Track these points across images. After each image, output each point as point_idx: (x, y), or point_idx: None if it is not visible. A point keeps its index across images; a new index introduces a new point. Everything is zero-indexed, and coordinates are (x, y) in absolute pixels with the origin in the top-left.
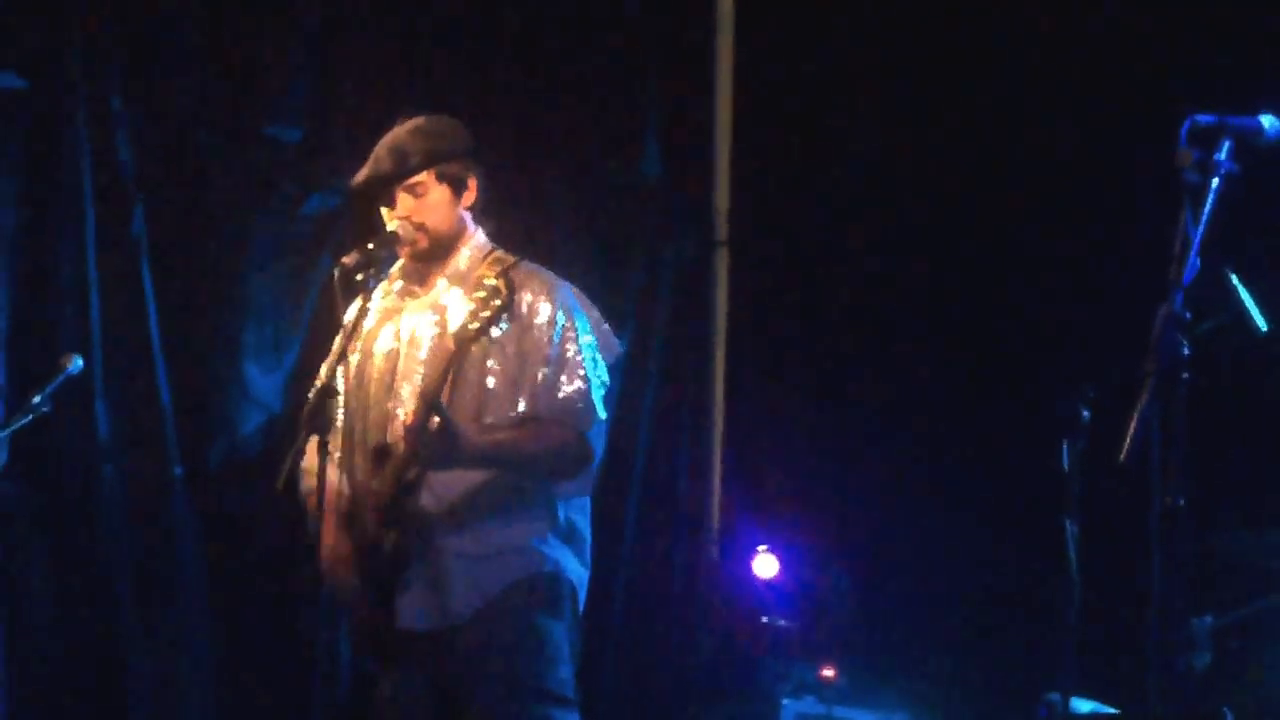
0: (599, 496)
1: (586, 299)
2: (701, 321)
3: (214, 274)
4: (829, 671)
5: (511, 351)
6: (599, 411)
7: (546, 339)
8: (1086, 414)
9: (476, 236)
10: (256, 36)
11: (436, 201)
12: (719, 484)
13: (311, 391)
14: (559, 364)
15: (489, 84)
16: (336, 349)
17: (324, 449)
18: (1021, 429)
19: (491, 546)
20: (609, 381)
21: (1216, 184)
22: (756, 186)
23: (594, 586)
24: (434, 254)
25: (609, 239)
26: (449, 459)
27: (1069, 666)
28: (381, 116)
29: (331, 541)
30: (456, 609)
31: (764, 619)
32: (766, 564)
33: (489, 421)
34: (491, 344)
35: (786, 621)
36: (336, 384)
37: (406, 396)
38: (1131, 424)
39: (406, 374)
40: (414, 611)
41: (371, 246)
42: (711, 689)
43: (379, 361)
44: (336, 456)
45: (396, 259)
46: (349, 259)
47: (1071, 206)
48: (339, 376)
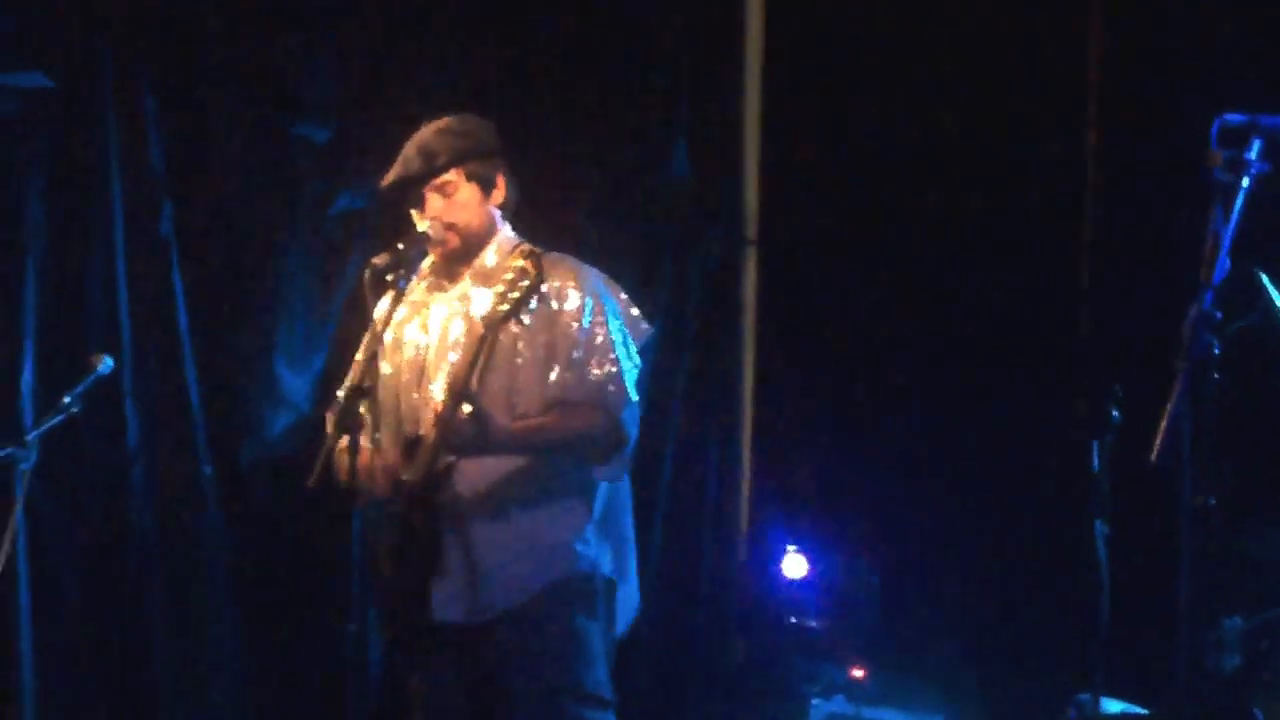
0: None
1: (615, 284)
2: (731, 321)
3: (243, 274)
4: (858, 672)
5: (541, 339)
6: (631, 394)
7: (576, 325)
8: (1116, 413)
9: (504, 233)
10: (286, 37)
11: (466, 201)
12: (748, 484)
13: (342, 391)
14: (589, 349)
15: (517, 85)
16: (366, 349)
17: (355, 448)
18: (1051, 429)
19: (527, 542)
20: (639, 364)
21: (1247, 183)
22: (785, 185)
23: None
24: (464, 253)
25: (638, 239)
26: (480, 446)
27: (1098, 667)
28: (410, 116)
29: (368, 455)
30: (491, 601)
31: (793, 619)
32: (795, 564)
33: (519, 409)
34: (521, 331)
35: (815, 622)
36: (366, 384)
37: (436, 388)
38: (1162, 423)
39: (436, 365)
40: (448, 603)
41: (402, 247)
42: (741, 689)
43: (408, 355)
44: (368, 454)
45: (426, 258)
46: (379, 259)
47: (1103, 204)
48: (369, 376)
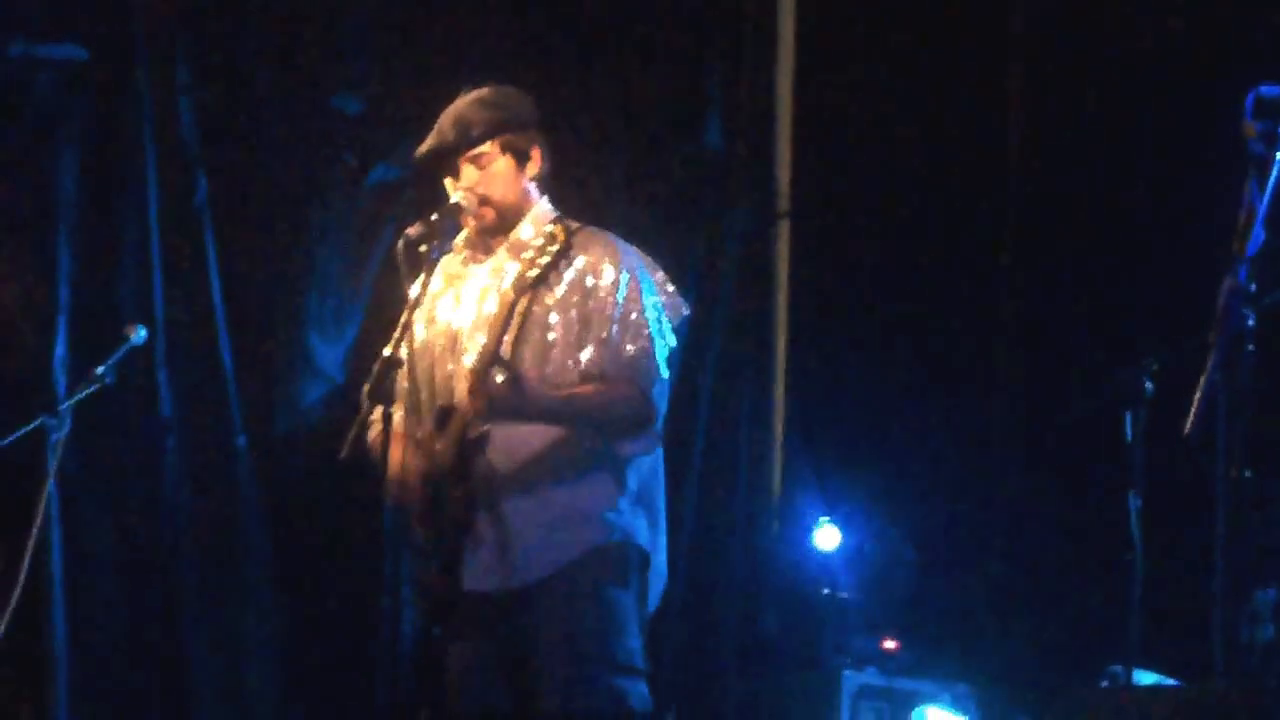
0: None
1: (651, 260)
2: (763, 292)
3: (277, 245)
4: (891, 643)
5: (574, 314)
6: (662, 370)
7: (610, 301)
8: (1150, 386)
9: (540, 205)
10: (320, 7)
11: (500, 172)
12: (780, 455)
13: (376, 362)
14: (623, 325)
15: (552, 57)
16: (401, 320)
17: (388, 419)
18: (1085, 400)
19: (560, 511)
20: (674, 343)
21: None
22: (818, 158)
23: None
24: (499, 225)
25: (671, 212)
26: (514, 408)
27: (1132, 638)
28: (444, 88)
29: (398, 458)
30: (524, 570)
31: (825, 590)
32: (828, 535)
33: (550, 382)
34: (554, 304)
35: (848, 593)
36: (401, 354)
37: (469, 359)
38: (1196, 396)
39: (469, 336)
40: (480, 572)
41: (435, 218)
42: (773, 660)
43: (441, 327)
44: (400, 424)
45: (460, 230)
46: (413, 230)
47: (1136, 177)
48: (403, 347)
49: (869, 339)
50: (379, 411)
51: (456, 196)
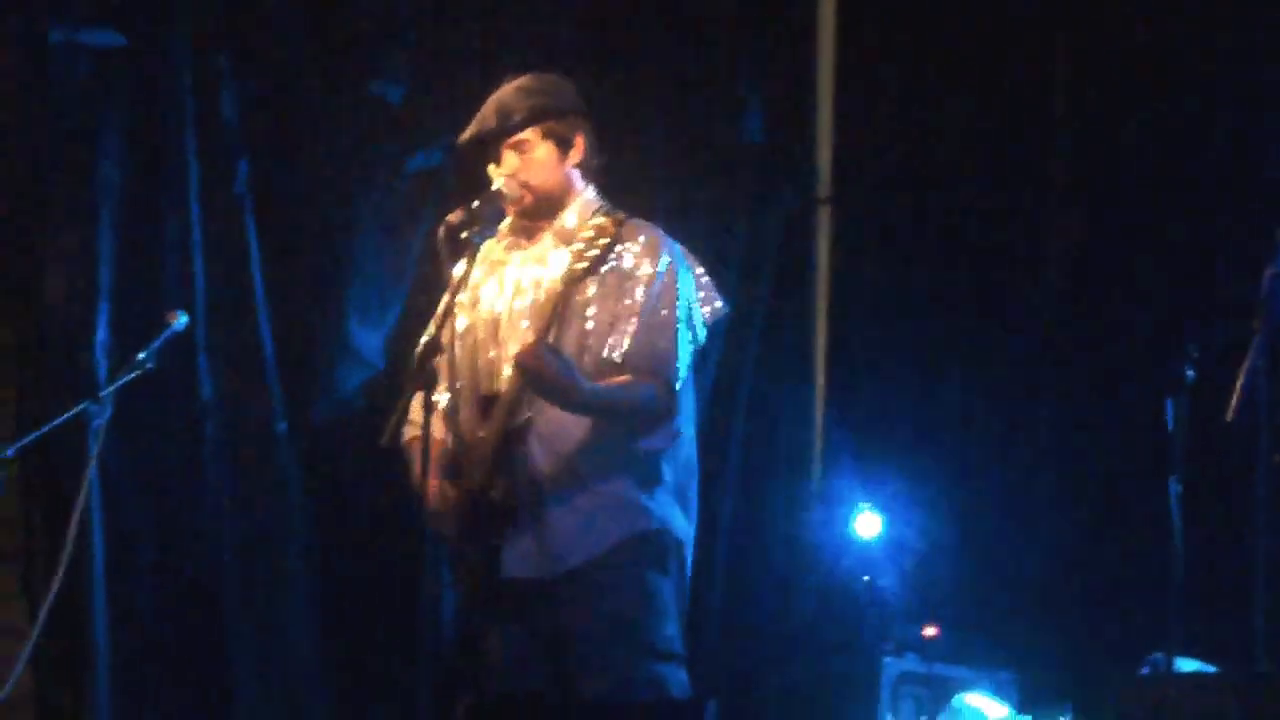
0: (702, 456)
1: (692, 256)
2: (804, 279)
3: (318, 231)
4: (931, 630)
5: (610, 305)
6: (683, 370)
7: (644, 295)
8: (1192, 373)
9: (585, 194)
10: None
11: (542, 159)
12: (821, 442)
13: (417, 348)
14: (651, 321)
15: (589, 46)
16: (443, 306)
17: (429, 405)
18: (1127, 388)
19: (599, 499)
20: (703, 341)
21: None
22: (859, 144)
23: (697, 545)
24: (540, 211)
25: (712, 198)
26: (561, 393)
27: (1173, 625)
28: (485, 75)
29: (436, 489)
30: (562, 557)
31: (866, 577)
32: (869, 522)
33: (585, 372)
34: (594, 295)
35: (889, 580)
36: (442, 340)
37: (513, 346)
38: (1238, 383)
39: (513, 324)
40: (519, 559)
41: (476, 204)
42: (813, 647)
43: (484, 314)
44: (442, 410)
45: (503, 216)
46: (454, 216)
47: (1179, 165)
48: (444, 332)
49: (910, 324)
50: (419, 397)
51: (498, 183)
